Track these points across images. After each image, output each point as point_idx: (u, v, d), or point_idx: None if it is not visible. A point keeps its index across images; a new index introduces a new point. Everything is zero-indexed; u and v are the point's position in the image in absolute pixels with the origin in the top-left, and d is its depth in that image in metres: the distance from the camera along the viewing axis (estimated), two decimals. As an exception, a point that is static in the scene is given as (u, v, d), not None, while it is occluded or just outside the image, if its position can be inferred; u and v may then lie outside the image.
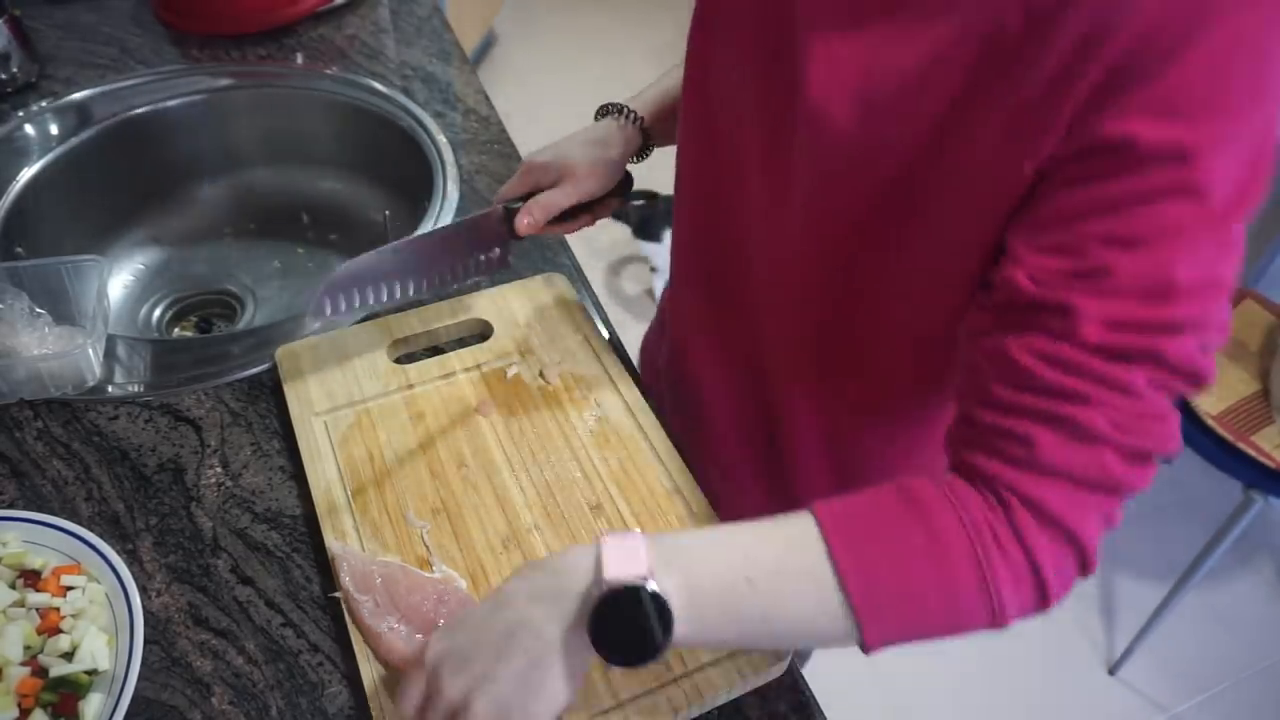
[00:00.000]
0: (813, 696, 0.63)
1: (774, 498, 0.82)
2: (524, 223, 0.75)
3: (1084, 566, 0.49)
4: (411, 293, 0.76)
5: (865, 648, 0.49)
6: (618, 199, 0.80)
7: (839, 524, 0.50)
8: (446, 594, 0.62)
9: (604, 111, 0.80)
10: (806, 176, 0.59)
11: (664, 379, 0.91)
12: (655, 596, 0.47)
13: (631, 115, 0.78)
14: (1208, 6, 0.41)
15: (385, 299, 0.74)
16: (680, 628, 0.47)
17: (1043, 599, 0.49)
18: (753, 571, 0.49)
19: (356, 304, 0.72)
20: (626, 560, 0.48)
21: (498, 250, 0.79)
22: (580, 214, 0.79)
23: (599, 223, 0.83)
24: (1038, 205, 0.48)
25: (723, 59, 0.64)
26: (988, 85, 0.47)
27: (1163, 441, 0.47)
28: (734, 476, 0.83)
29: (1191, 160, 0.43)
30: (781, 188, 0.62)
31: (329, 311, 0.70)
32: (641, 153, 0.80)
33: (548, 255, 0.95)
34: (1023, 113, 0.46)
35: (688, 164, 0.74)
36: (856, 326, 0.65)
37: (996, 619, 0.49)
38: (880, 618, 0.48)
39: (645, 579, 0.47)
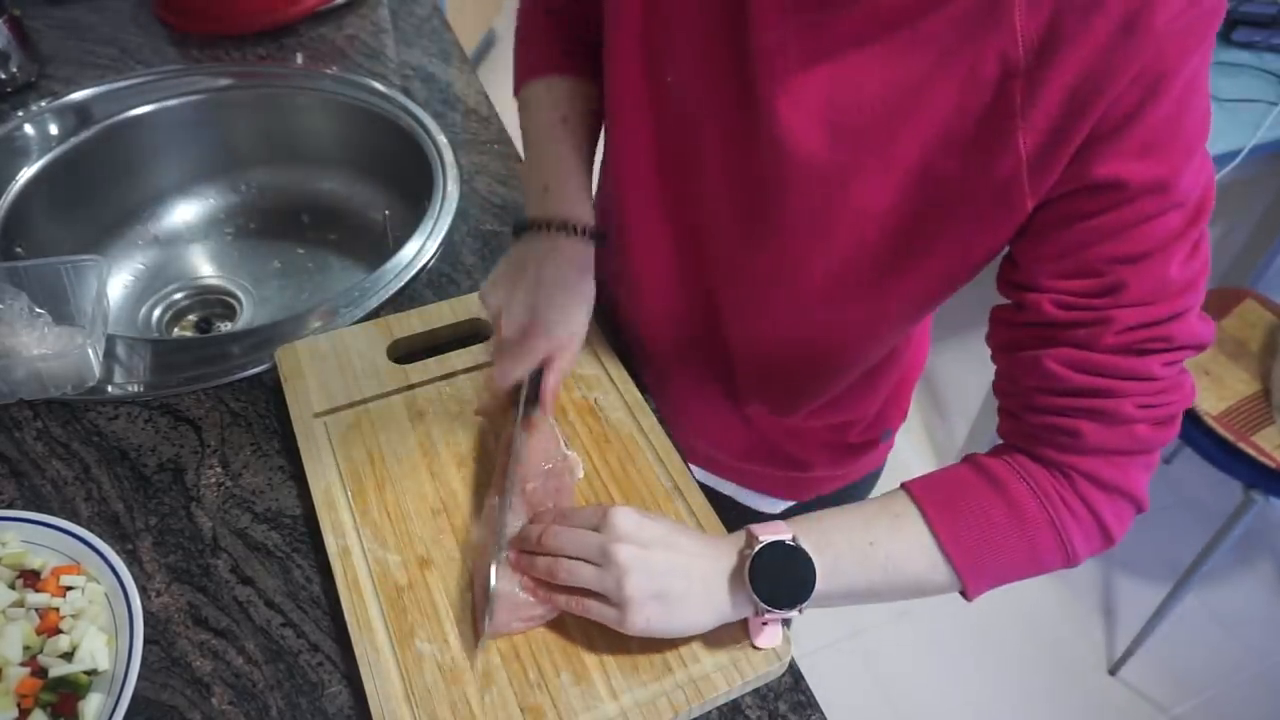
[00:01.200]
0: (813, 696, 0.63)
1: (737, 444, 0.88)
2: (550, 411, 0.70)
3: (1138, 508, 0.60)
4: None
5: (968, 597, 0.61)
6: None
7: (932, 501, 0.60)
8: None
9: (552, 226, 0.70)
10: (779, 200, 0.61)
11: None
12: (800, 549, 0.57)
13: (586, 231, 0.71)
14: (1168, 63, 0.48)
15: None
16: (823, 579, 0.57)
17: (1107, 540, 0.60)
18: (873, 538, 0.59)
19: None
20: (773, 530, 0.58)
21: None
22: None
23: None
24: (1049, 241, 0.55)
25: (674, 31, 0.62)
26: (974, 127, 0.52)
27: (1181, 403, 0.57)
28: (696, 429, 0.87)
29: (1170, 185, 0.51)
30: (751, 212, 0.63)
31: None
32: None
33: (548, 255, 0.95)
34: (1022, 157, 0.52)
35: (636, 142, 0.69)
36: (833, 344, 0.72)
37: (1070, 560, 0.60)
38: (977, 574, 0.59)
39: (793, 537, 0.58)
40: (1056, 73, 0.49)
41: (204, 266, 1.14)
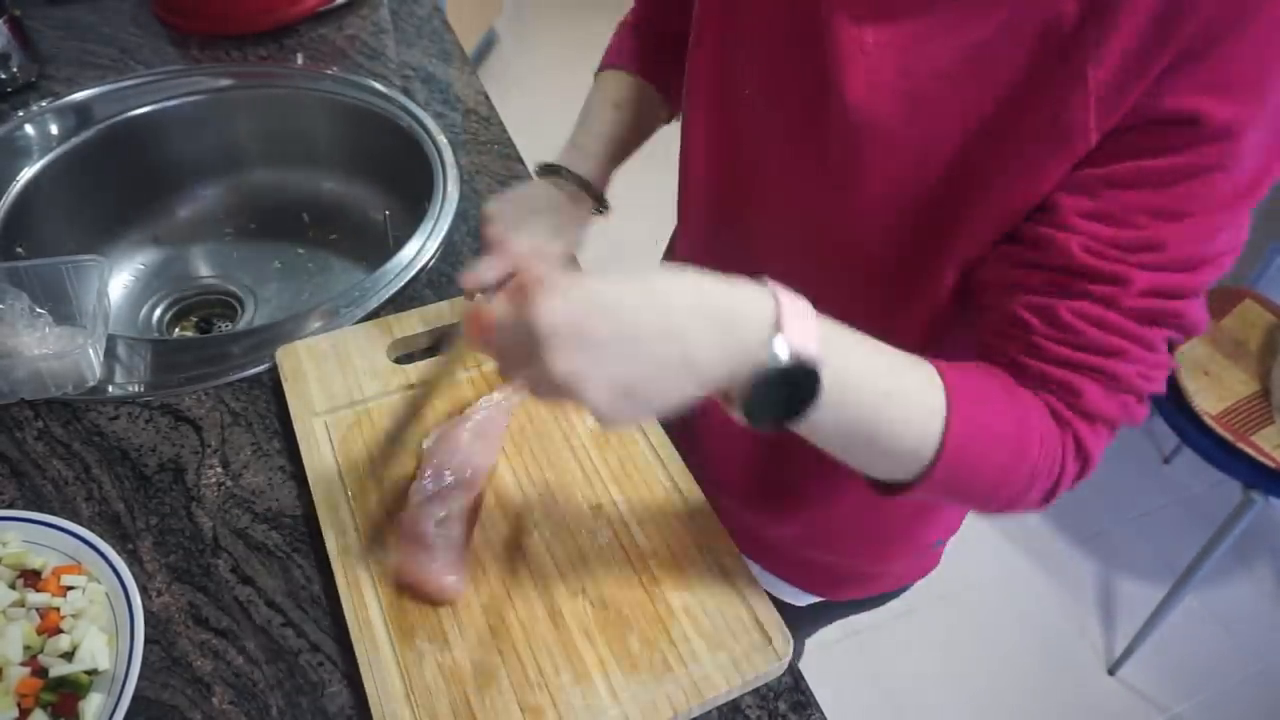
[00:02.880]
0: (813, 696, 0.63)
1: (769, 508, 0.83)
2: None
3: (1083, 470, 0.57)
4: None
5: (923, 481, 0.53)
6: None
7: (958, 382, 0.53)
8: None
9: (565, 174, 0.77)
10: (845, 169, 0.58)
11: None
12: (814, 375, 0.46)
13: (590, 189, 0.77)
14: None
15: None
16: (818, 410, 0.48)
17: (1050, 496, 0.57)
18: (893, 388, 0.51)
19: None
20: (804, 334, 0.46)
21: None
22: None
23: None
24: (1089, 169, 0.50)
25: (749, 41, 0.62)
26: (1046, 72, 0.49)
27: (1163, 384, 0.54)
28: (727, 484, 0.82)
29: (1237, 137, 0.46)
30: (810, 175, 0.61)
31: None
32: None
33: (548, 255, 0.95)
34: (1090, 90, 0.48)
35: (698, 145, 0.72)
36: (876, 302, 0.64)
37: (1045, 501, 0.57)
38: (957, 465, 0.52)
39: (818, 363, 0.46)
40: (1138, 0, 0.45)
41: (204, 266, 1.14)
